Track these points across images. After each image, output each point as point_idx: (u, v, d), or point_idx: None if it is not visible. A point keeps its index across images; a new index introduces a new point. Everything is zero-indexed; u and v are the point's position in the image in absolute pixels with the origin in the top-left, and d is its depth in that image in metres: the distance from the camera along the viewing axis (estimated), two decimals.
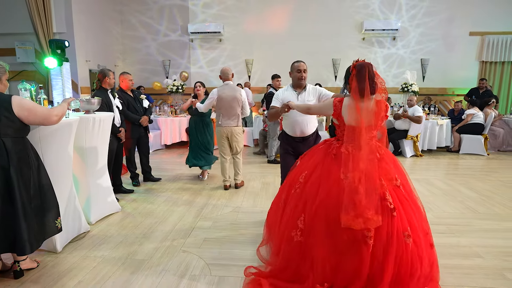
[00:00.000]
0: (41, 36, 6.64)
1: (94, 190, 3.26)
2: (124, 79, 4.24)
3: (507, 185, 4.56)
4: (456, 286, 2.21)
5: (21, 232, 2.11)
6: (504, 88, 8.87)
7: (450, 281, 2.26)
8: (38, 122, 2.24)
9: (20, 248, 2.13)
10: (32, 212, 2.20)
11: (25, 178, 2.17)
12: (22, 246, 2.12)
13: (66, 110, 2.41)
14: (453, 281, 2.27)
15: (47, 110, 2.25)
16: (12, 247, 2.15)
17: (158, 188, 4.45)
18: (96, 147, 3.25)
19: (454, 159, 6.42)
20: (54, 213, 2.38)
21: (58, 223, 2.40)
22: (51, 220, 2.35)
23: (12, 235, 2.12)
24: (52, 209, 2.37)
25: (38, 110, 2.20)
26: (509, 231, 3.10)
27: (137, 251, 2.70)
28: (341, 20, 8.80)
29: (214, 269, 2.42)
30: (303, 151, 2.62)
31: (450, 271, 2.38)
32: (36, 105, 2.24)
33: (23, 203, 2.14)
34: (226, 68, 4.21)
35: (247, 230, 3.11)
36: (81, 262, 2.52)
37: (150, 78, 9.27)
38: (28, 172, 2.19)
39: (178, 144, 7.49)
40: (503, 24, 8.51)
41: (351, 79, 2.10)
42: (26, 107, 2.14)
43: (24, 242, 2.12)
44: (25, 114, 2.14)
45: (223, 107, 4.13)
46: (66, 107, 2.42)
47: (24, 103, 2.15)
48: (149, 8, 9.12)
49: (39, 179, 2.29)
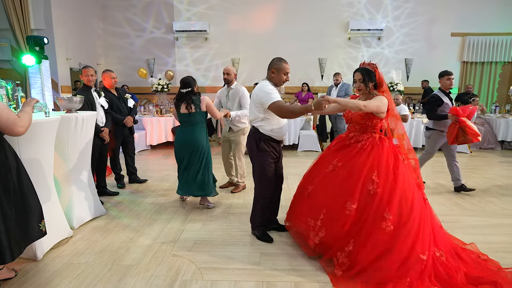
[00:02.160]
0: (17, 33, 6.33)
1: (76, 193, 3.11)
2: (106, 77, 4.07)
3: (491, 182, 4.67)
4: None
5: (0, 237, 1.95)
6: (484, 88, 9.15)
7: None
8: (1, 129, 1.94)
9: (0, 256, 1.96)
10: (12, 216, 2.04)
11: (3, 181, 2.01)
12: (2, 253, 1.96)
13: (32, 117, 2.13)
14: None
15: (12, 119, 1.92)
16: None
17: (144, 189, 4.31)
18: (78, 148, 3.09)
19: (439, 156, 6.50)
20: (37, 216, 2.23)
21: (42, 226, 2.26)
22: (34, 224, 2.20)
23: None
24: (35, 212, 2.21)
25: (2, 115, 1.88)
26: (497, 227, 3.15)
27: (123, 256, 2.58)
28: (327, 20, 8.84)
29: (206, 273, 2.34)
30: (280, 154, 2.87)
31: None
32: (5, 107, 1.93)
33: (2, 207, 1.98)
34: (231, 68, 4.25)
35: (239, 231, 3.03)
36: (63, 269, 2.38)
37: (134, 77, 9.04)
38: (6, 174, 2.03)
39: (164, 144, 7.32)
40: (483, 26, 8.77)
41: (381, 78, 2.52)
42: None
43: (4, 249, 1.96)
44: None
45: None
46: (31, 113, 2.14)
47: None
48: (133, 4, 8.89)
49: (19, 181, 2.13)
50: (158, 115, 7.22)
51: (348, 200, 2.28)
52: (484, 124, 7.38)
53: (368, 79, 2.53)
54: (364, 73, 2.54)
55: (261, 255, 2.59)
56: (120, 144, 4.36)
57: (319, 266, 2.40)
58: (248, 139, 2.82)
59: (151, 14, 8.94)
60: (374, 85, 2.54)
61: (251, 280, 2.25)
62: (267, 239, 2.81)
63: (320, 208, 2.40)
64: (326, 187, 2.45)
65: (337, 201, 2.33)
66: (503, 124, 7.09)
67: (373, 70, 2.54)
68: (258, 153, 2.70)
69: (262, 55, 8.90)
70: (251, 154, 2.78)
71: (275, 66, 2.70)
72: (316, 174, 2.59)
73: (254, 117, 2.74)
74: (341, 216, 2.29)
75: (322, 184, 2.49)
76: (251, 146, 2.76)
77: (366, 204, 2.25)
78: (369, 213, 2.22)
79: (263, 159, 2.69)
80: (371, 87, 2.54)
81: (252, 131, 2.79)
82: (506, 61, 8.97)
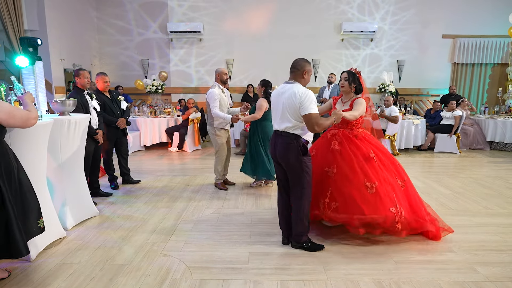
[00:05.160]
0: (10, 33, 6.33)
1: (70, 194, 3.16)
2: (99, 80, 4.13)
3: (478, 182, 4.78)
4: (430, 281, 2.30)
5: (15, 235, 2.11)
6: (474, 89, 9.29)
7: (424, 276, 2.35)
8: (18, 125, 2.21)
9: (16, 250, 2.12)
10: (17, 214, 2.19)
11: (9, 181, 2.16)
12: (18, 248, 2.12)
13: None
14: (427, 276, 2.36)
15: (25, 113, 2.23)
16: (4, 252, 2.14)
17: (137, 190, 4.36)
18: (71, 150, 3.14)
19: (429, 157, 6.66)
20: (36, 213, 2.36)
21: (41, 223, 2.38)
22: (33, 221, 2.32)
23: (3, 239, 2.11)
24: (34, 209, 2.35)
25: (17, 113, 2.17)
26: (479, 226, 3.26)
27: (115, 256, 2.64)
28: (321, 21, 8.93)
29: (195, 272, 2.41)
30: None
31: (425, 267, 2.48)
32: (14, 107, 2.22)
33: (12, 206, 2.14)
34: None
35: (229, 231, 3.11)
36: (56, 269, 2.44)
37: (129, 77, 9.06)
38: (10, 175, 2.18)
39: (158, 145, 7.37)
40: (474, 28, 8.91)
41: (363, 83, 2.99)
42: (5, 110, 2.11)
43: (19, 244, 2.12)
44: (4, 117, 2.11)
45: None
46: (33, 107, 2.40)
47: (2, 106, 2.11)
48: (127, 4, 8.90)
49: (19, 180, 2.26)
50: (152, 116, 7.26)
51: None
52: (474, 125, 7.51)
53: (352, 80, 2.95)
54: (350, 74, 2.97)
55: (250, 255, 2.66)
56: (114, 145, 4.41)
57: (305, 265, 2.50)
58: (290, 149, 2.59)
59: (145, 15, 8.97)
60: (355, 87, 2.97)
61: (239, 279, 2.33)
62: (319, 247, 2.73)
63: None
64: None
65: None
66: (492, 125, 7.23)
67: (357, 74, 2.99)
68: (306, 157, 2.61)
69: (255, 55, 8.99)
70: (295, 162, 2.58)
71: (307, 68, 2.62)
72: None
73: (292, 124, 2.57)
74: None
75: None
76: (296, 155, 2.57)
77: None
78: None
79: (310, 163, 2.65)
80: (353, 88, 2.97)
81: (290, 140, 2.58)
82: (495, 63, 9.12)
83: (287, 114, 2.57)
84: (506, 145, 7.20)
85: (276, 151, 2.68)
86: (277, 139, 2.68)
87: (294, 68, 2.63)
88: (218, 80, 4.24)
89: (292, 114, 2.55)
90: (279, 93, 2.65)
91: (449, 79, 9.26)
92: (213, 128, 4.28)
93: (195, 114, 7.15)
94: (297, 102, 2.50)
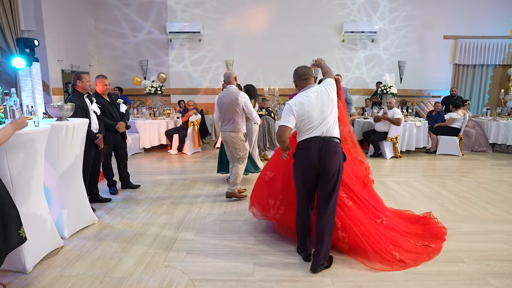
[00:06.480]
0: (7, 34, 6.22)
1: (67, 201, 3.06)
2: (99, 83, 4.02)
3: (482, 186, 4.72)
4: None
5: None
6: (475, 90, 9.25)
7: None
8: None
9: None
10: None
11: None
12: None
13: (8, 136, 2.12)
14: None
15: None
16: None
17: (137, 195, 4.27)
18: (69, 156, 3.05)
19: (432, 160, 6.60)
20: (15, 223, 2.20)
21: (22, 232, 2.23)
22: (13, 231, 2.17)
23: None
24: (13, 219, 2.18)
25: None
26: (488, 233, 3.18)
27: (116, 267, 2.55)
28: (322, 22, 8.86)
29: (199, 285, 2.32)
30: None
31: (435, 278, 2.40)
32: None
33: None
34: (226, 72, 4.21)
35: (232, 240, 3.02)
36: (54, 282, 2.34)
37: (127, 78, 8.95)
38: None
39: (157, 147, 7.27)
40: (475, 29, 8.86)
41: (341, 89, 2.94)
42: None
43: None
44: None
45: (221, 111, 4.06)
46: (10, 133, 2.13)
47: None
48: (126, 4, 8.79)
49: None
50: (151, 118, 7.16)
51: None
52: (476, 127, 7.45)
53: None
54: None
55: (254, 265, 2.58)
56: (113, 149, 4.31)
57: (312, 277, 2.41)
58: (339, 157, 2.47)
59: (144, 15, 8.86)
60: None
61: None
62: (331, 259, 2.64)
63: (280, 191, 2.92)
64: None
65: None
66: (494, 127, 7.17)
67: (337, 79, 2.82)
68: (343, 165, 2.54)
69: (256, 56, 8.90)
70: (339, 169, 2.47)
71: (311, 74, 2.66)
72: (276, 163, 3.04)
73: (337, 130, 2.50)
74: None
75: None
76: (341, 162, 2.48)
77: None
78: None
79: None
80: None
81: (339, 147, 2.49)
82: (497, 64, 9.08)
83: (336, 119, 2.53)
84: (508, 147, 7.14)
85: (324, 161, 2.40)
86: (325, 147, 2.41)
87: (308, 74, 2.61)
88: (235, 84, 4.13)
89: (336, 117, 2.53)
90: (316, 96, 2.47)
91: (451, 80, 9.21)
92: (242, 134, 4.05)
93: (195, 116, 7.06)
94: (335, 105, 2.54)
